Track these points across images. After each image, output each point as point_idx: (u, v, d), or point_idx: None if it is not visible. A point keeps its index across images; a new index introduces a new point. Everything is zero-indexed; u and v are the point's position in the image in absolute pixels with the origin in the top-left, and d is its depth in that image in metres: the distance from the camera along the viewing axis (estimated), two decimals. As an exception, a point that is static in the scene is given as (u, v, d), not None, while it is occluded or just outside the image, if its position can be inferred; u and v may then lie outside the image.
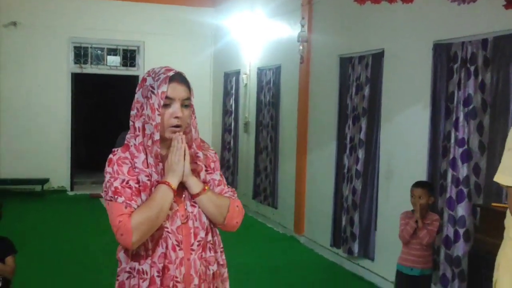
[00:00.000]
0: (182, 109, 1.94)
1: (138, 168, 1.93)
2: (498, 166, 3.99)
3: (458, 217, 4.29)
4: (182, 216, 1.96)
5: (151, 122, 1.91)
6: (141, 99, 1.96)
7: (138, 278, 1.90)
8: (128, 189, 1.88)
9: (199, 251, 1.96)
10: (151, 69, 2.01)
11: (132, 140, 1.97)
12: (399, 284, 3.96)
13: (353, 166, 5.75)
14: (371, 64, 5.55)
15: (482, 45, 4.15)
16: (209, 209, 1.98)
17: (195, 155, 2.01)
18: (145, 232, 1.85)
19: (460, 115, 4.31)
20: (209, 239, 2.00)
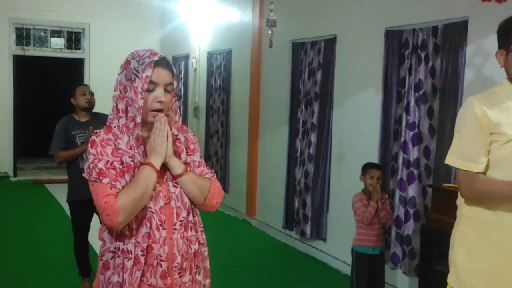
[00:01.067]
0: (165, 94, 1.97)
1: (122, 149, 1.95)
2: (447, 148, 4.19)
3: (409, 197, 4.47)
4: (164, 196, 1.99)
5: (134, 105, 1.93)
6: (124, 81, 1.96)
7: (123, 258, 1.93)
8: (112, 170, 1.90)
9: (181, 230, 2.01)
10: (135, 51, 2.02)
11: (115, 122, 1.98)
12: (359, 265, 4.08)
13: (306, 149, 5.87)
14: (324, 50, 5.66)
15: (432, 32, 4.31)
16: (191, 190, 2.02)
17: (175, 138, 2.05)
18: (131, 213, 1.87)
19: (411, 100, 4.47)
20: (190, 218, 2.05)
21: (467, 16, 3.99)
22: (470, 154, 2.15)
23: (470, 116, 2.17)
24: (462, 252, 2.27)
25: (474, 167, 2.14)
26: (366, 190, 4.15)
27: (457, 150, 2.21)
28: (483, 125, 2.13)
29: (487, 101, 2.18)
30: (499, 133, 2.11)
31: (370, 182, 4.09)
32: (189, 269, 2.04)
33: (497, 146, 2.13)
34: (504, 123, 2.11)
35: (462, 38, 4.07)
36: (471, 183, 2.15)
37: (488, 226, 2.17)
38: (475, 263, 2.21)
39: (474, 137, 2.15)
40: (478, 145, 2.14)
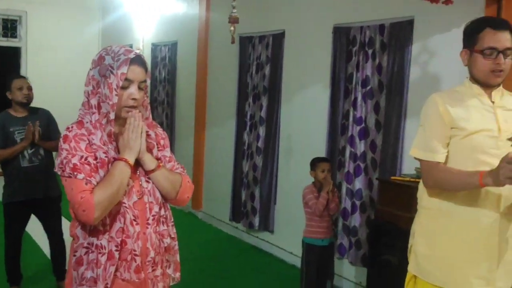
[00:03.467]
0: (138, 91, 1.98)
1: (96, 145, 1.94)
2: (392, 142, 4.36)
3: (355, 190, 4.62)
4: (137, 191, 2.00)
5: (107, 101, 1.93)
6: (98, 77, 1.95)
7: (97, 253, 1.93)
8: (87, 166, 1.89)
9: (154, 225, 2.03)
10: (109, 47, 2.01)
11: (87, 117, 1.97)
12: (310, 256, 4.19)
13: (254, 143, 5.94)
14: (272, 44, 5.73)
15: (379, 30, 4.45)
16: (163, 185, 2.05)
17: (146, 133, 2.06)
18: (106, 208, 1.87)
19: (358, 95, 4.61)
20: (162, 213, 2.07)
21: (413, 16, 4.15)
22: (432, 145, 2.29)
23: (432, 111, 2.31)
24: (422, 241, 2.40)
25: (436, 157, 2.28)
26: (317, 183, 4.26)
27: (421, 142, 2.34)
28: (444, 119, 2.27)
29: (449, 98, 2.31)
30: (458, 128, 2.25)
31: (321, 175, 4.20)
32: (160, 263, 2.07)
33: (457, 140, 2.27)
34: (463, 118, 2.25)
35: (408, 36, 4.22)
36: (432, 172, 2.28)
37: (446, 217, 2.31)
38: (434, 252, 2.34)
39: (436, 130, 2.29)
40: (440, 138, 2.28)
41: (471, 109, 2.28)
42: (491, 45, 2.22)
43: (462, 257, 2.28)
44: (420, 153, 2.34)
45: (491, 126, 2.25)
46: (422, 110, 2.40)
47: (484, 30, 2.25)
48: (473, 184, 2.14)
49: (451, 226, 2.30)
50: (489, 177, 2.06)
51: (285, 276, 5.14)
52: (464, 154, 2.26)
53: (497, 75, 2.25)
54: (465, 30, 2.36)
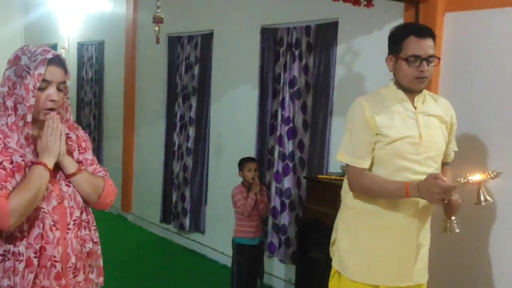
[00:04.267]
0: (58, 92, 1.92)
1: (12, 148, 1.86)
2: (320, 141, 4.45)
3: (284, 189, 4.68)
4: (57, 196, 1.94)
5: (24, 103, 1.86)
6: (14, 78, 1.88)
7: (14, 260, 1.85)
8: (2, 171, 1.81)
9: (75, 230, 1.97)
10: (26, 46, 1.93)
11: (3, 119, 1.89)
12: (240, 256, 4.22)
13: (184, 143, 5.91)
14: (201, 44, 5.72)
15: (305, 31, 4.53)
16: (85, 189, 1.99)
17: (67, 136, 2.00)
18: (23, 214, 1.80)
19: (286, 95, 4.68)
20: (83, 217, 2.01)
21: (338, 18, 4.25)
22: (358, 152, 2.34)
23: (359, 117, 2.35)
24: (345, 238, 2.46)
25: (362, 164, 2.34)
26: (245, 182, 4.29)
27: (348, 147, 2.39)
28: (370, 126, 2.32)
29: (375, 103, 2.36)
30: (382, 135, 2.31)
31: (249, 174, 4.23)
32: (83, 268, 2.01)
33: (381, 146, 2.33)
34: (387, 126, 2.32)
35: (333, 37, 4.32)
36: (358, 178, 2.34)
37: (368, 216, 2.38)
38: (357, 249, 2.41)
39: (362, 136, 2.34)
40: (365, 144, 2.34)
41: (395, 116, 2.35)
42: (415, 53, 2.29)
43: (383, 253, 2.37)
44: (347, 158, 2.39)
45: (413, 133, 2.34)
46: (349, 113, 2.45)
47: (408, 37, 2.31)
48: (399, 196, 2.25)
49: (373, 225, 2.39)
50: (415, 190, 2.18)
51: (216, 277, 5.14)
52: (387, 159, 2.34)
53: (421, 82, 2.33)
54: (390, 36, 2.42)
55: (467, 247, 3.41)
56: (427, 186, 2.13)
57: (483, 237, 3.33)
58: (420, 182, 2.17)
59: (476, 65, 3.37)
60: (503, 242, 3.25)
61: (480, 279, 3.36)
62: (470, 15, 3.38)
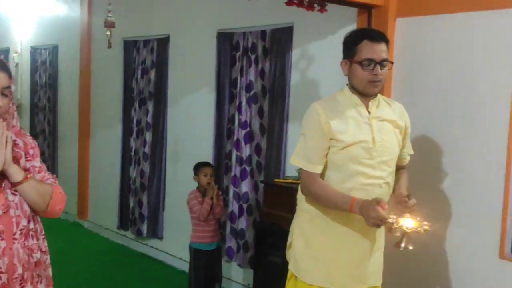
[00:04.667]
0: (2, 98, 1.87)
1: None
2: (276, 145, 4.46)
3: (242, 193, 4.68)
4: (2, 205, 1.89)
5: None
6: None
7: (-44, 272, 1.80)
8: None
9: (22, 239, 1.92)
10: None
11: None
12: (197, 261, 4.20)
13: (141, 148, 5.85)
14: (157, 49, 5.67)
15: (261, 36, 4.55)
16: (32, 197, 1.94)
17: (13, 143, 1.94)
18: None
19: (243, 100, 4.68)
20: (31, 227, 1.96)
21: (292, 22, 4.28)
22: (311, 156, 2.35)
23: (314, 122, 2.37)
24: (301, 242, 2.48)
25: (314, 169, 2.35)
26: (201, 187, 4.28)
27: (301, 152, 2.40)
28: (325, 131, 2.34)
29: (330, 108, 2.38)
30: (337, 140, 2.33)
31: (204, 179, 4.22)
32: (30, 279, 1.96)
33: (335, 151, 2.35)
34: (342, 131, 2.34)
35: (288, 42, 4.35)
36: (310, 184, 2.35)
37: (322, 219, 2.40)
38: (312, 251, 2.43)
39: (317, 141, 2.35)
40: (319, 149, 2.35)
41: (349, 121, 2.37)
42: (368, 56, 2.33)
43: (337, 257, 2.40)
44: (301, 162, 2.41)
45: (367, 138, 2.36)
46: (304, 118, 2.46)
47: (362, 42, 2.35)
48: (344, 209, 2.28)
49: (327, 228, 2.41)
50: (359, 209, 2.21)
51: (174, 283, 5.10)
52: (341, 164, 2.36)
53: (375, 85, 2.36)
54: (344, 41, 2.45)
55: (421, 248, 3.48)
56: (368, 208, 2.16)
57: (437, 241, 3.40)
58: (365, 201, 2.20)
59: (427, 69, 3.45)
60: (457, 243, 3.33)
61: (433, 283, 3.43)
62: (421, 20, 3.45)
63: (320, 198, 2.34)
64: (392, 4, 3.52)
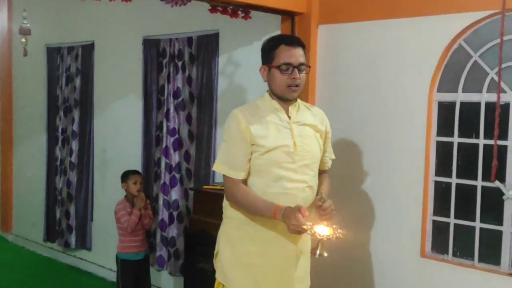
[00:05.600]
0: None
1: None
2: (205, 152, 4.46)
3: (172, 201, 4.64)
4: None
5: None
6: None
7: None
8: None
9: None
10: None
11: None
12: (125, 272, 4.13)
13: (67, 158, 5.69)
14: (81, 56, 5.55)
15: (187, 42, 4.53)
16: None
17: None
18: None
19: (171, 107, 4.64)
20: None
21: (218, 29, 4.30)
22: (234, 162, 2.36)
23: (235, 128, 2.37)
24: (227, 249, 2.48)
25: (237, 175, 2.36)
26: (129, 196, 4.21)
27: (224, 158, 2.40)
28: (246, 136, 2.35)
29: (250, 114, 2.39)
30: (258, 145, 2.35)
31: (133, 187, 4.16)
32: None
33: (257, 156, 2.37)
34: (262, 136, 2.36)
35: (214, 49, 4.35)
36: (233, 190, 2.36)
37: (247, 226, 2.41)
38: (238, 259, 2.43)
39: (238, 147, 2.36)
40: (241, 155, 2.36)
41: (270, 126, 2.40)
42: (286, 61, 2.37)
43: (264, 263, 2.41)
44: (223, 169, 2.41)
45: (288, 142, 2.40)
46: (225, 125, 2.47)
47: (279, 47, 2.39)
48: (268, 215, 2.29)
49: (253, 235, 2.42)
50: (281, 215, 2.23)
51: (104, 294, 5.00)
52: (264, 169, 2.38)
53: (293, 90, 2.40)
54: (263, 47, 2.49)
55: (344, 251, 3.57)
56: (289, 215, 2.18)
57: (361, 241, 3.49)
58: (287, 208, 2.23)
59: (348, 74, 3.55)
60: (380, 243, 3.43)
61: (358, 282, 3.53)
62: (341, 27, 3.55)
63: (244, 204, 2.35)
64: (314, 12, 3.60)
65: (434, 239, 3.28)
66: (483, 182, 3.06)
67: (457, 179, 3.17)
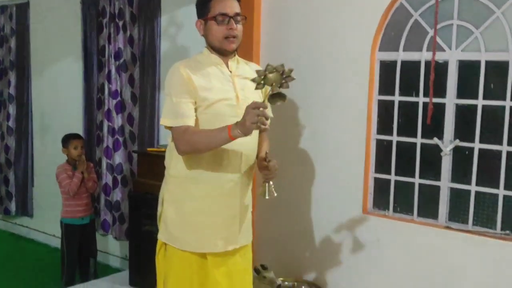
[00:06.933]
0: None
1: None
2: (149, 114, 4.39)
3: (115, 164, 4.57)
4: None
5: None
6: None
7: None
8: None
9: None
10: None
11: None
12: (69, 236, 4.07)
13: (4, 123, 5.50)
14: (16, 15, 5.32)
15: (128, 1, 4.38)
16: None
17: None
18: None
19: (112, 68, 4.52)
20: None
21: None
22: (181, 111, 2.30)
23: (177, 79, 2.32)
24: (171, 209, 2.45)
25: (186, 121, 2.30)
26: (70, 160, 4.12)
27: (169, 111, 2.35)
28: (189, 87, 2.30)
29: (191, 67, 2.35)
30: (201, 98, 2.31)
31: (74, 152, 4.06)
32: None
33: (201, 110, 2.33)
34: (205, 88, 2.32)
35: (156, 8, 4.24)
36: (184, 136, 2.29)
37: (191, 184, 2.39)
38: (183, 217, 2.42)
39: (183, 97, 2.30)
40: (187, 103, 2.30)
41: (212, 78, 2.36)
42: (222, 11, 2.33)
43: (208, 221, 2.40)
44: (170, 121, 2.35)
45: (230, 95, 2.37)
46: (167, 78, 2.42)
47: None
48: (224, 138, 2.20)
49: (197, 192, 2.40)
50: (236, 128, 2.14)
51: (48, 260, 4.89)
52: (208, 123, 2.34)
53: (231, 41, 2.37)
54: (197, 2, 2.44)
55: (288, 208, 3.62)
56: (245, 117, 2.09)
57: (304, 198, 3.55)
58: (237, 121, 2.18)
59: (293, 30, 3.53)
60: (321, 203, 3.50)
61: (302, 238, 3.59)
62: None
63: (198, 142, 2.29)
64: (259, -30, 3.55)
65: (375, 196, 3.36)
66: (422, 139, 3.14)
67: (397, 137, 3.24)
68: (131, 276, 3.98)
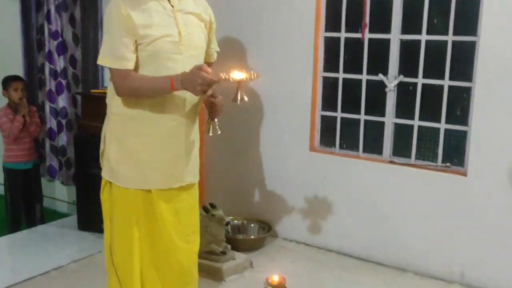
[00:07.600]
0: None
1: None
2: (92, 56, 4.26)
3: (59, 108, 4.44)
4: None
5: None
6: None
7: None
8: None
9: None
10: None
11: None
12: (12, 182, 3.97)
13: None
14: None
15: None
16: None
17: None
18: None
19: (52, 7, 4.33)
20: None
21: None
22: (120, 53, 2.21)
23: (116, 17, 2.21)
24: (114, 146, 2.39)
25: (126, 65, 2.22)
26: (11, 104, 3.97)
27: (108, 50, 2.25)
28: (128, 24, 2.20)
29: (131, 2, 2.24)
30: (142, 35, 2.22)
31: (15, 95, 3.92)
32: None
33: (143, 48, 2.24)
34: (146, 25, 2.22)
35: None
36: (125, 81, 2.23)
37: (134, 121, 2.33)
38: (126, 155, 2.36)
39: (122, 36, 2.20)
40: (126, 44, 2.21)
41: (153, 14, 2.27)
42: None
43: (152, 158, 2.36)
44: (109, 61, 2.26)
45: (172, 31, 2.28)
46: (105, 14, 2.31)
47: None
48: (166, 89, 2.18)
49: (140, 130, 2.34)
50: (179, 82, 2.12)
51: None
52: (150, 61, 2.26)
53: None
54: None
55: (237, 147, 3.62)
56: (191, 77, 2.10)
57: (253, 138, 3.55)
58: (184, 73, 2.15)
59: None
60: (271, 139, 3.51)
61: (251, 177, 3.62)
62: None
63: (139, 89, 2.23)
64: None
65: (322, 133, 3.39)
66: (368, 76, 3.16)
67: (344, 74, 3.25)
68: (79, 220, 3.93)
